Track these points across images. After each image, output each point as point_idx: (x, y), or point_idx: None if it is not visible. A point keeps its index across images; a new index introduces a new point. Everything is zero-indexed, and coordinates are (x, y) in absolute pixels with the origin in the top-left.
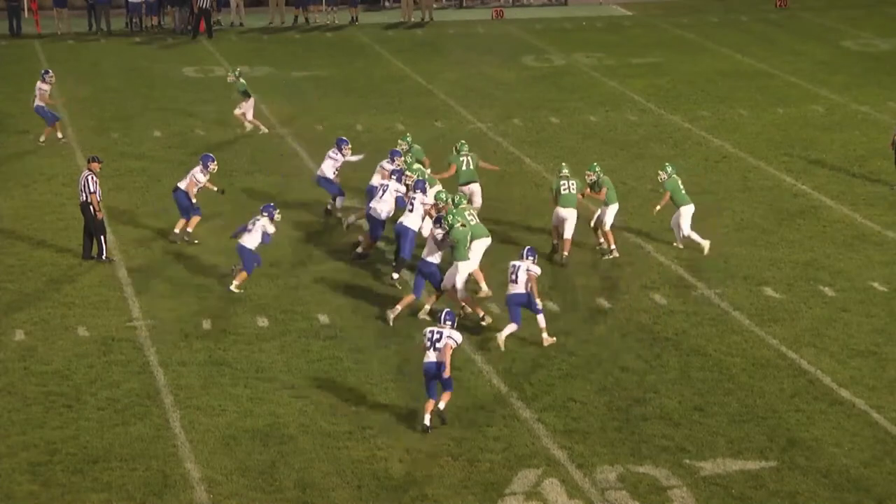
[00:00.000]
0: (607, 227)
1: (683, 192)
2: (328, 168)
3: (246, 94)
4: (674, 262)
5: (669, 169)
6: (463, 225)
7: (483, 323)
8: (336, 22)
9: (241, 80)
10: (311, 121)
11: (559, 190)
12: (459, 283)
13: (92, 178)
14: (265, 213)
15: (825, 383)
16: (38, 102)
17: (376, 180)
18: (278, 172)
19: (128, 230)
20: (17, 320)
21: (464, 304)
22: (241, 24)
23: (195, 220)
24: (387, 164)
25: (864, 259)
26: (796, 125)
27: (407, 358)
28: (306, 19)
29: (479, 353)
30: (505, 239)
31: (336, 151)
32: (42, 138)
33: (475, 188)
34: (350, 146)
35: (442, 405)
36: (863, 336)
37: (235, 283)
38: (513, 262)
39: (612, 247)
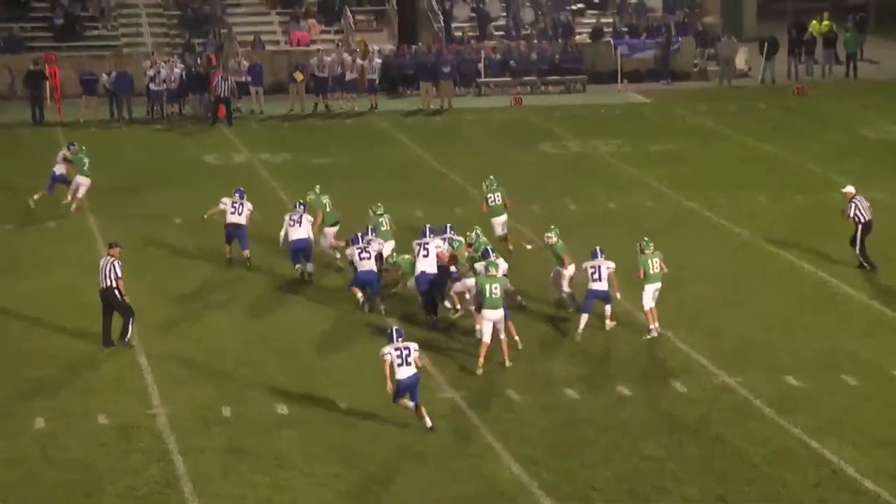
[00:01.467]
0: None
1: (653, 271)
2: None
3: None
4: (693, 348)
5: (647, 244)
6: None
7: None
8: (356, 109)
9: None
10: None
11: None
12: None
13: (116, 263)
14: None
15: (848, 473)
16: (55, 168)
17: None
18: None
19: (147, 316)
20: (37, 407)
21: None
22: (262, 112)
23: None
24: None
25: (885, 347)
26: (815, 212)
27: (426, 444)
28: (326, 106)
29: (498, 441)
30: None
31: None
32: (36, 196)
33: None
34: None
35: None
36: (886, 425)
37: None
38: (591, 263)
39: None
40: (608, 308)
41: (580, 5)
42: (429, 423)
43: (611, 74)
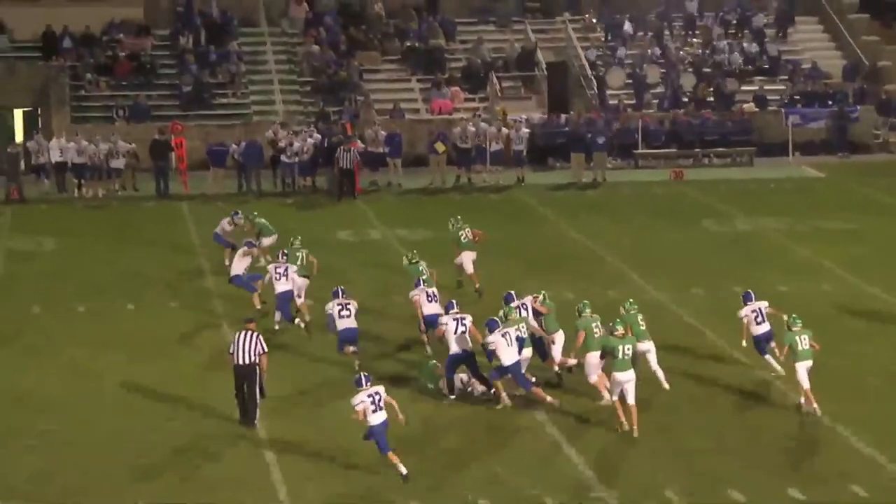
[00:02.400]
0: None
1: (803, 348)
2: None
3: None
4: (871, 446)
5: (795, 321)
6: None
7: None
8: (501, 182)
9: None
10: (466, 289)
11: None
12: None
13: (261, 337)
14: None
15: None
16: (218, 231)
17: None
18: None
19: (270, 401)
20: (143, 491)
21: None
22: (400, 185)
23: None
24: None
25: None
26: None
27: None
28: (469, 179)
29: None
30: None
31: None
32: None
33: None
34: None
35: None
36: None
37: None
38: (749, 309)
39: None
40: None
41: (748, 67)
42: (403, 470)
43: (781, 146)
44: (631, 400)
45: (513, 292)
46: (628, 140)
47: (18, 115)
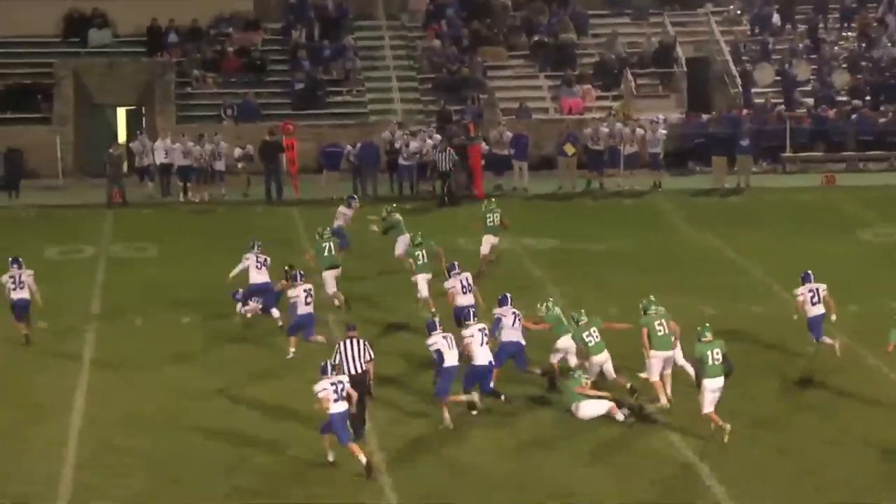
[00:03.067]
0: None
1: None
2: None
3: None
4: None
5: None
6: None
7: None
8: (636, 187)
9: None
10: (603, 302)
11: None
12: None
13: (365, 343)
14: None
15: None
16: (338, 223)
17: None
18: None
19: (390, 430)
20: None
21: None
22: (526, 190)
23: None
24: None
25: None
26: None
27: None
28: (601, 184)
29: None
30: None
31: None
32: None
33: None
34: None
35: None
36: None
37: None
38: (805, 289)
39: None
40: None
41: None
42: (363, 459)
43: None
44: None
45: (507, 295)
46: (775, 142)
47: (121, 113)
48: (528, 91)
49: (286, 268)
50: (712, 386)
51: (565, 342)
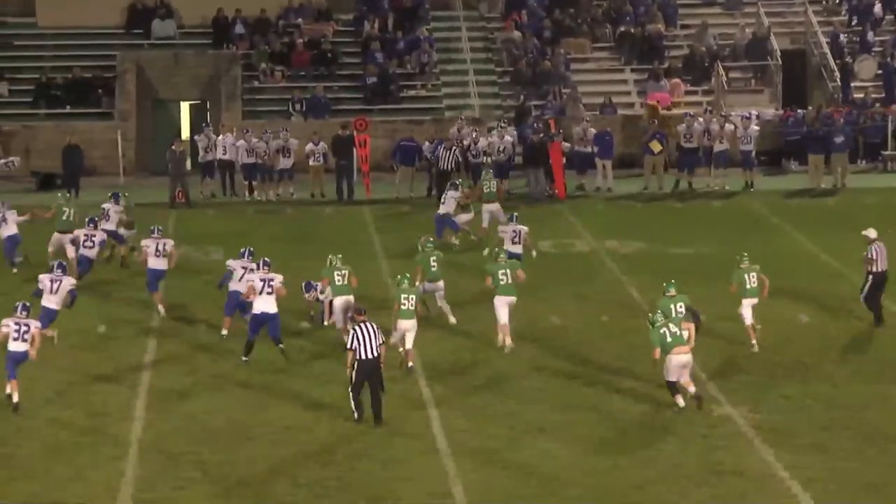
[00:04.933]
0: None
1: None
2: None
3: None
4: None
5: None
6: None
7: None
8: (727, 187)
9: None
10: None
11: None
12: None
13: (377, 327)
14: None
15: None
16: (446, 211)
17: None
18: (651, 370)
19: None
20: None
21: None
22: (610, 190)
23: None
24: None
25: None
26: None
27: None
28: (690, 184)
29: None
30: None
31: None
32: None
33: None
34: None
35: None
36: None
37: None
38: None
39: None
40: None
41: None
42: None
43: None
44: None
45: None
46: (876, 139)
47: (185, 108)
48: (613, 85)
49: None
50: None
51: None
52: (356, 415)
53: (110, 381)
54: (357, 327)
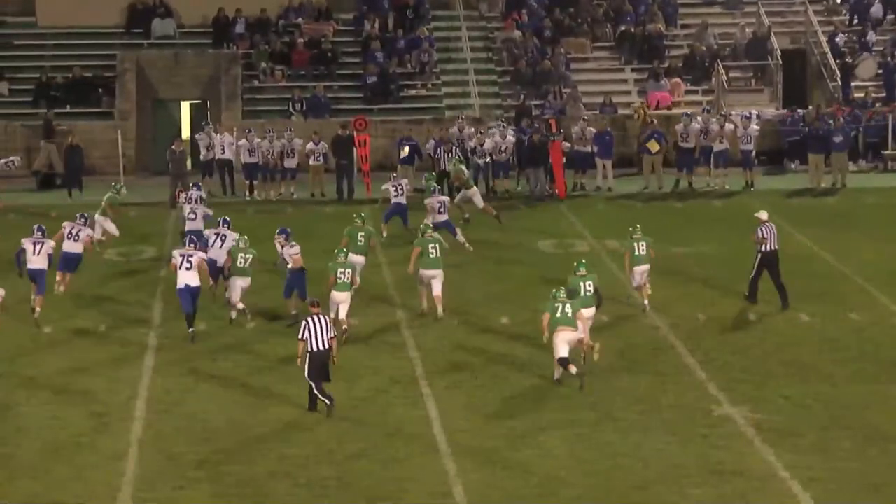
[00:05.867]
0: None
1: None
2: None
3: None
4: None
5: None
6: None
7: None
8: (727, 187)
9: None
10: (691, 308)
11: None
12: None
13: (329, 320)
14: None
15: None
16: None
17: None
18: (651, 370)
19: (467, 432)
20: None
21: None
22: (610, 189)
23: None
24: None
25: None
26: None
27: None
28: (690, 184)
29: None
30: None
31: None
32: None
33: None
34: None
35: None
36: None
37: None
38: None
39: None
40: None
41: None
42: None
43: None
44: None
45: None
46: (876, 139)
47: (185, 108)
48: (613, 85)
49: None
50: (586, 314)
51: None
52: (327, 403)
53: (110, 381)
54: (309, 319)
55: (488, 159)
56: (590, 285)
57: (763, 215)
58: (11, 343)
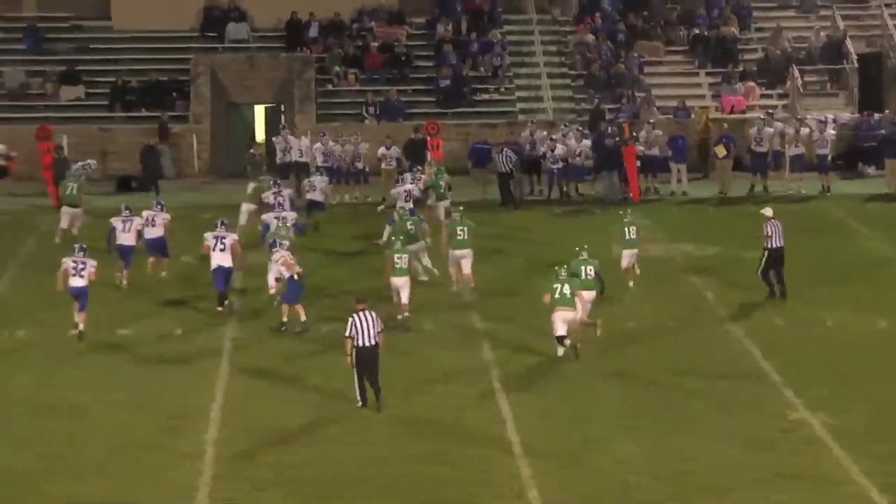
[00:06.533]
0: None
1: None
2: None
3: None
4: None
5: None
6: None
7: None
8: (802, 192)
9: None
10: (767, 313)
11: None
12: None
13: (376, 315)
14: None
15: None
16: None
17: None
18: (727, 374)
19: (547, 439)
20: None
21: None
22: (684, 194)
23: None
24: None
25: None
26: None
27: None
28: (765, 188)
29: None
30: None
31: None
32: None
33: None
34: None
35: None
36: None
37: None
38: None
39: None
40: None
41: None
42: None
43: None
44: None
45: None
46: None
47: (259, 111)
48: (687, 89)
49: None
50: (587, 297)
51: None
52: (360, 401)
53: (186, 382)
54: (356, 315)
55: (561, 164)
56: (591, 269)
57: (768, 212)
58: (92, 342)
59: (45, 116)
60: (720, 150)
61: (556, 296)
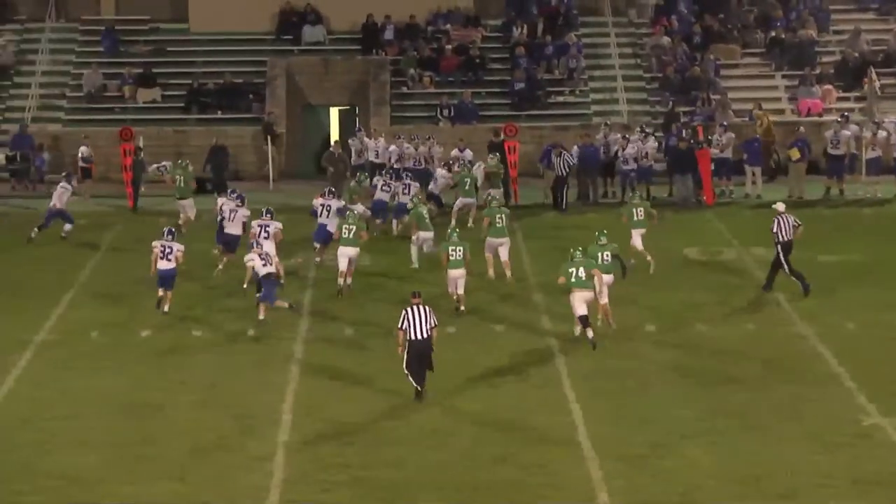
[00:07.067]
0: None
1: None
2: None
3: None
4: None
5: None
6: None
7: None
8: (878, 195)
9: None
10: (839, 318)
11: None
12: None
13: (430, 310)
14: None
15: None
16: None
17: None
18: (798, 379)
19: (610, 442)
20: None
21: None
22: (759, 197)
23: None
24: None
25: None
26: None
27: None
28: (841, 191)
29: None
30: None
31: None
32: None
33: None
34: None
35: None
36: None
37: None
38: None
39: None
40: None
41: None
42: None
43: None
44: None
45: None
46: None
47: (334, 113)
48: (764, 91)
49: None
50: (606, 279)
51: None
52: (418, 389)
53: (256, 384)
54: (409, 309)
55: (634, 166)
56: (608, 255)
57: (780, 207)
58: (164, 343)
59: (122, 119)
60: (794, 154)
61: (573, 279)
